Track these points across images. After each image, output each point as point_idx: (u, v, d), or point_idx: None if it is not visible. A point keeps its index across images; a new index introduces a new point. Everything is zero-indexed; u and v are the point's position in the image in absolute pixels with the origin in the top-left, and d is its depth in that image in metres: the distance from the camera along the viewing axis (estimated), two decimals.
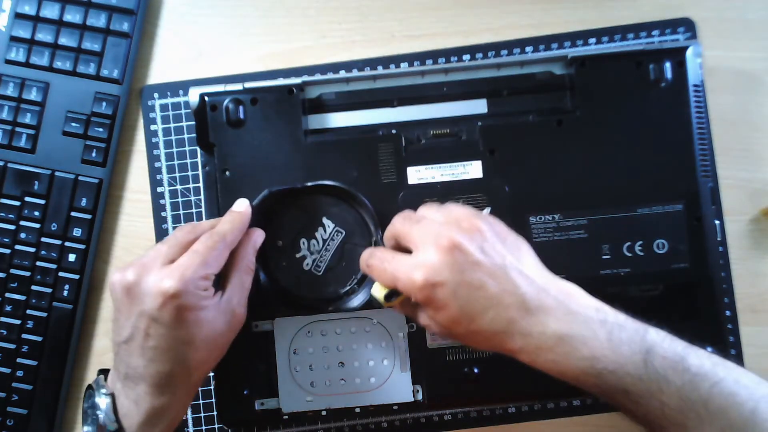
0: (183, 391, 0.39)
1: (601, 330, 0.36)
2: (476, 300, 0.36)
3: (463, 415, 0.51)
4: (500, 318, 0.36)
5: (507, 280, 0.36)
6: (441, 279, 0.36)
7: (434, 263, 0.36)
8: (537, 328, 0.36)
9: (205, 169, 0.49)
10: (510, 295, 0.36)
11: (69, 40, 0.51)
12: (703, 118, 0.48)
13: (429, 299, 0.37)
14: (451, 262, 0.36)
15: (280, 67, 0.53)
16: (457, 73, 0.49)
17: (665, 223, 0.47)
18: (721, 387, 0.35)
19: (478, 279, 0.36)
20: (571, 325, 0.36)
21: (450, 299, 0.36)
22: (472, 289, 0.36)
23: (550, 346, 0.36)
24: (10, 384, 0.50)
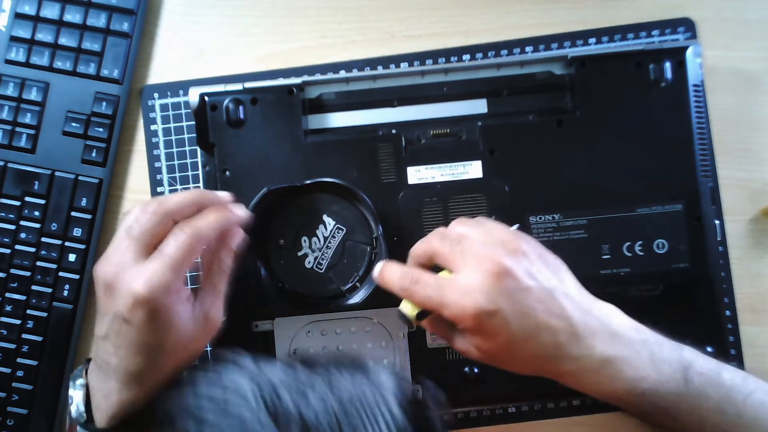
0: (152, 388, 0.39)
1: (643, 350, 0.37)
2: (527, 327, 0.36)
3: (463, 415, 0.51)
4: (549, 343, 0.36)
5: (554, 304, 0.36)
6: (493, 307, 0.35)
7: (485, 290, 0.35)
8: (584, 352, 0.36)
9: (205, 169, 0.49)
10: (558, 320, 0.36)
11: (69, 40, 0.51)
12: (703, 118, 0.48)
13: (479, 327, 0.36)
14: (501, 289, 0.35)
15: (280, 67, 0.53)
16: (457, 73, 0.49)
17: (665, 223, 0.47)
18: (753, 398, 0.37)
19: (529, 306, 0.36)
20: (615, 347, 0.37)
21: (502, 328, 0.36)
22: (523, 317, 0.36)
23: (596, 368, 0.36)
24: (10, 384, 0.50)
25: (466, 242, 0.38)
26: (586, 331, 0.36)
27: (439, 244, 0.39)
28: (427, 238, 0.41)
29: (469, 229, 0.39)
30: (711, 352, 0.47)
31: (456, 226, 0.40)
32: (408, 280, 0.39)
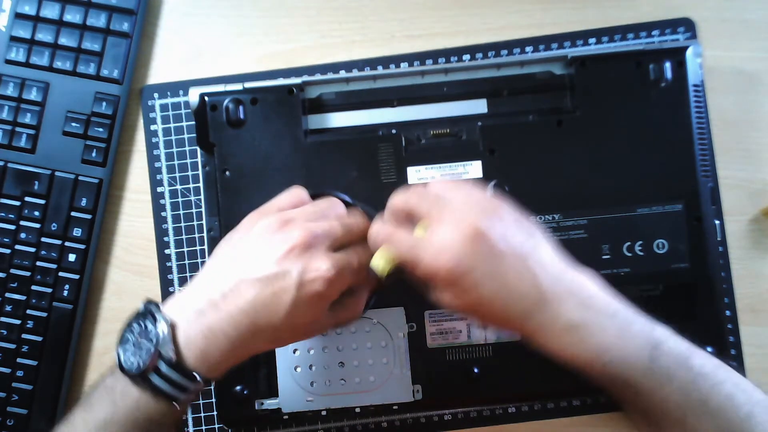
0: (251, 350, 0.39)
1: (611, 322, 0.37)
2: (497, 289, 0.36)
3: (463, 415, 0.51)
4: (517, 306, 0.37)
5: (526, 270, 0.37)
6: (465, 269, 0.36)
7: (459, 251, 0.36)
8: (550, 316, 0.36)
9: (205, 169, 0.49)
10: (528, 285, 0.36)
11: (69, 40, 0.51)
12: (703, 118, 0.48)
13: (450, 285, 0.37)
14: (475, 251, 0.36)
15: (280, 67, 0.53)
16: (457, 73, 0.49)
17: (665, 223, 0.47)
18: (720, 388, 0.36)
19: (500, 269, 0.36)
20: (582, 314, 0.37)
21: (472, 288, 0.36)
22: (493, 280, 0.36)
23: (561, 333, 0.37)
24: (10, 384, 0.50)
25: (444, 202, 0.38)
26: (555, 298, 0.36)
27: (417, 202, 0.39)
28: (407, 193, 0.41)
29: (448, 189, 0.39)
30: (711, 352, 0.47)
31: (435, 185, 0.40)
32: (383, 235, 0.40)
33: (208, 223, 0.49)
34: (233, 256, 0.39)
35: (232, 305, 0.37)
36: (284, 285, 0.37)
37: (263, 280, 0.37)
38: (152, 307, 0.38)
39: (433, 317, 0.48)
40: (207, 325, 0.37)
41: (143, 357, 0.36)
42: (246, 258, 0.38)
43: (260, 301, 0.37)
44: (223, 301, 0.37)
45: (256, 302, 0.37)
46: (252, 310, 0.37)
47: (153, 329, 0.37)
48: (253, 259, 0.38)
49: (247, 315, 0.37)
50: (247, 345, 0.38)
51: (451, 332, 0.47)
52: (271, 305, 0.37)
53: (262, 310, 0.37)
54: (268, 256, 0.38)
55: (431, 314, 0.48)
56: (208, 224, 0.49)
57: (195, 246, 0.52)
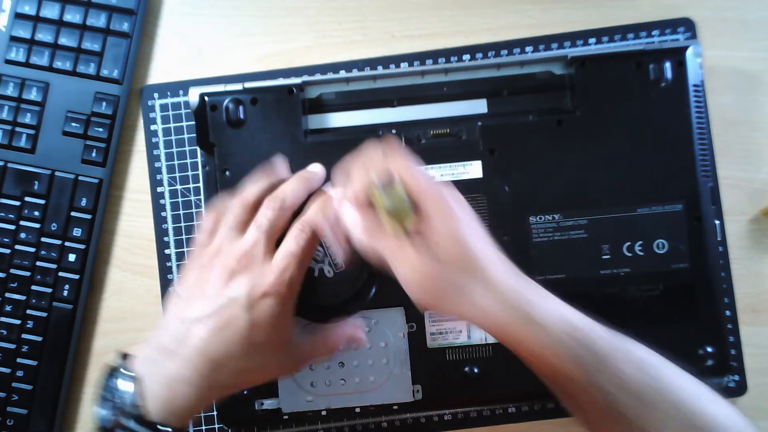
0: (217, 392, 0.39)
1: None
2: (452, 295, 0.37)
3: (463, 415, 0.51)
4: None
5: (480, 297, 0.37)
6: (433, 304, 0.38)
7: (428, 289, 0.37)
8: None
9: (205, 169, 0.49)
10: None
11: (69, 40, 0.51)
12: (703, 118, 0.48)
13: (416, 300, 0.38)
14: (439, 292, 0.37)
15: (280, 67, 0.53)
16: (457, 73, 0.49)
17: (665, 223, 0.47)
18: (668, 368, 0.38)
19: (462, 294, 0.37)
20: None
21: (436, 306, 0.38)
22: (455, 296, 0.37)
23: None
24: (10, 384, 0.50)
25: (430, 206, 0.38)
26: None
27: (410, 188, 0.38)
28: (363, 176, 0.39)
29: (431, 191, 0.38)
30: (711, 353, 0.47)
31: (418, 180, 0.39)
32: (368, 235, 0.38)
33: None
34: (180, 302, 0.39)
35: (188, 348, 0.37)
36: (233, 312, 0.37)
37: (211, 314, 0.37)
38: (120, 362, 0.39)
39: (433, 317, 0.48)
40: (166, 374, 0.37)
41: (111, 414, 0.37)
42: (190, 300, 0.39)
43: (213, 335, 0.37)
44: (178, 347, 0.37)
45: (209, 338, 0.37)
46: (206, 346, 0.37)
47: (118, 386, 0.37)
48: (196, 299, 0.38)
49: (203, 354, 0.37)
50: (213, 386, 0.38)
51: (451, 332, 0.47)
52: (225, 335, 0.37)
53: (217, 343, 0.37)
54: (209, 293, 0.38)
55: (431, 314, 0.48)
56: None
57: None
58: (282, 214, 0.40)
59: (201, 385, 0.37)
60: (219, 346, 0.37)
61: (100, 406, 0.38)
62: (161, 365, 0.38)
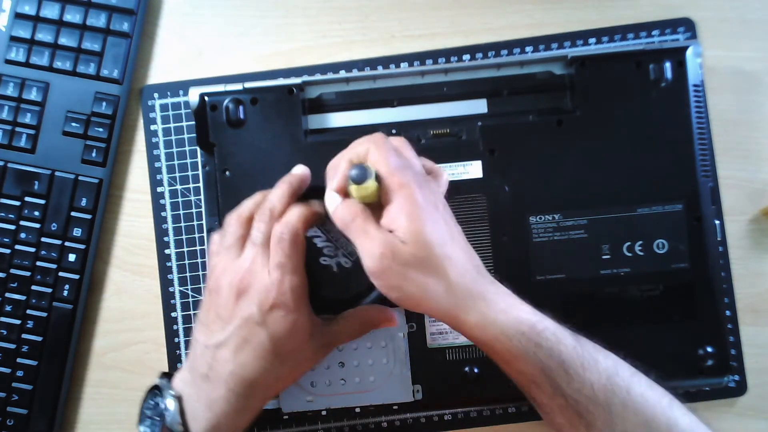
0: (260, 402, 0.40)
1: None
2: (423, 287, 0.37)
3: (463, 415, 0.51)
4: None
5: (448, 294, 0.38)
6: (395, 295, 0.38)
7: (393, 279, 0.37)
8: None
9: (205, 169, 0.49)
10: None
11: (69, 40, 0.51)
12: (703, 118, 0.48)
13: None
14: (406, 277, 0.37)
15: (280, 67, 0.53)
16: (457, 73, 0.49)
17: (665, 223, 0.47)
18: (639, 378, 0.38)
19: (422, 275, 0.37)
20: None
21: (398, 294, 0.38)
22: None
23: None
24: (10, 384, 0.50)
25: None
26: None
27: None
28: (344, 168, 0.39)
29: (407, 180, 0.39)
30: (711, 353, 0.47)
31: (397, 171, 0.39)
32: (341, 223, 0.39)
33: (208, 223, 0.49)
34: (201, 328, 0.40)
35: (218, 372, 0.38)
36: (249, 330, 0.38)
37: (230, 337, 0.38)
38: (163, 381, 0.40)
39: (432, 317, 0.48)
40: (206, 395, 0.38)
41: (153, 429, 0.38)
42: (208, 326, 0.39)
43: (238, 356, 0.38)
44: (210, 372, 0.38)
45: (235, 359, 0.38)
46: (235, 368, 0.38)
47: (162, 404, 0.38)
48: (213, 323, 0.39)
49: (234, 375, 0.38)
50: (250, 401, 0.39)
51: (451, 332, 0.47)
52: (249, 354, 0.38)
53: (244, 363, 0.38)
54: (223, 315, 0.39)
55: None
56: (208, 224, 0.49)
57: (195, 246, 0.52)
58: (273, 224, 0.40)
59: (239, 403, 0.38)
60: (247, 365, 0.38)
61: (142, 423, 0.39)
62: (200, 387, 0.39)
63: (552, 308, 0.39)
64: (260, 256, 0.39)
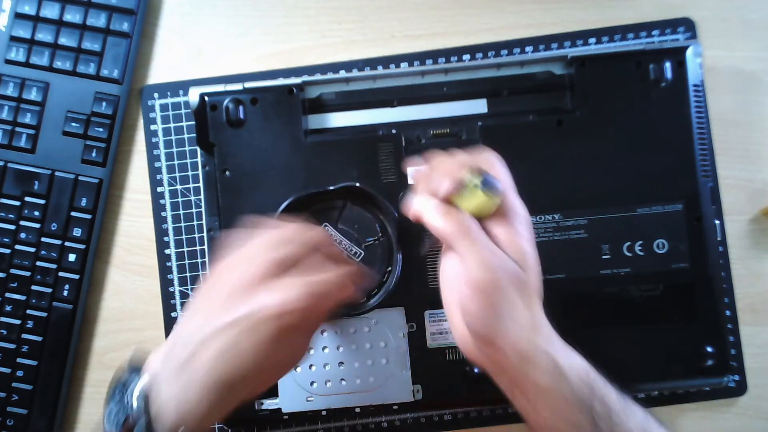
0: (231, 405, 0.37)
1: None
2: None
3: (463, 415, 0.51)
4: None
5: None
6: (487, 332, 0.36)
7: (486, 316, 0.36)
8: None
9: (205, 169, 0.49)
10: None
11: (69, 40, 0.51)
12: (703, 118, 0.48)
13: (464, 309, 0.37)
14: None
15: (280, 67, 0.53)
16: (457, 73, 0.49)
17: (665, 223, 0.47)
18: (652, 421, 0.37)
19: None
20: None
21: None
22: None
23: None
24: (10, 384, 0.50)
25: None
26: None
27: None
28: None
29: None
30: (711, 353, 0.47)
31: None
32: (466, 227, 0.37)
33: (208, 223, 0.49)
34: (198, 306, 0.37)
35: (204, 360, 0.35)
36: (250, 326, 0.35)
37: (227, 327, 0.35)
38: (134, 364, 0.37)
39: (433, 317, 0.48)
40: (184, 384, 0.35)
41: (119, 420, 0.35)
42: (209, 307, 0.36)
43: (228, 350, 0.35)
44: (193, 359, 0.35)
45: (224, 352, 0.35)
46: (222, 360, 0.35)
47: (131, 389, 0.35)
48: (216, 307, 0.36)
49: (217, 368, 0.35)
50: (230, 396, 0.36)
51: (451, 332, 0.47)
52: (240, 352, 0.35)
53: (233, 359, 0.35)
54: (229, 302, 0.36)
55: (431, 314, 0.48)
56: (208, 224, 0.49)
57: (195, 246, 0.52)
58: (305, 252, 0.38)
59: (219, 396, 0.36)
60: (235, 362, 0.36)
61: (110, 409, 0.36)
62: (178, 373, 0.36)
63: (552, 308, 0.39)
64: (292, 260, 0.37)
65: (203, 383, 0.35)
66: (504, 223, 0.37)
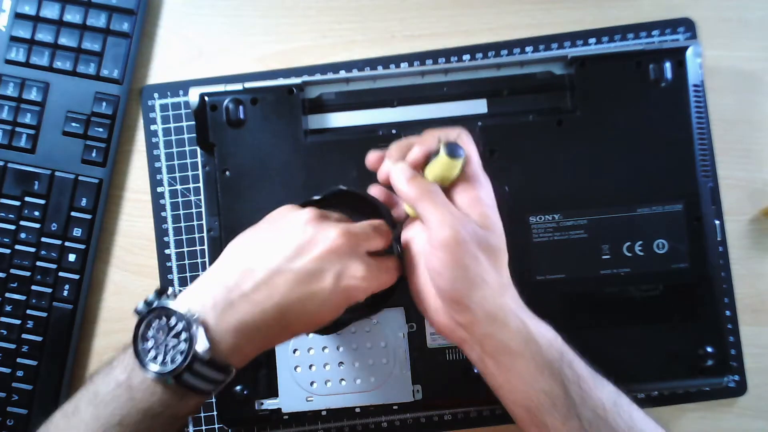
0: (276, 341, 0.38)
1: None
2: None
3: (463, 415, 0.51)
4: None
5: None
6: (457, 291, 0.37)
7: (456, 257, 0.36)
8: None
9: (205, 169, 0.49)
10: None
11: (69, 40, 0.51)
12: (703, 118, 0.48)
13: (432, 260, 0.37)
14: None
15: (280, 67, 0.53)
16: (457, 73, 0.49)
17: (665, 223, 0.47)
18: (638, 411, 0.37)
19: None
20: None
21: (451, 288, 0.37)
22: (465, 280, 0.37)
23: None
24: (10, 384, 0.50)
25: None
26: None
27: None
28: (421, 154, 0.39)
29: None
30: (711, 353, 0.47)
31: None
32: (428, 190, 0.38)
33: (208, 223, 0.49)
34: (264, 243, 0.38)
35: (265, 297, 0.36)
36: (320, 285, 0.36)
37: (299, 275, 0.36)
38: (171, 301, 0.36)
39: None
40: (239, 318, 0.35)
41: (176, 357, 0.34)
42: (280, 247, 0.37)
43: (294, 297, 0.36)
44: (255, 293, 0.36)
45: (290, 298, 0.36)
46: (285, 305, 0.36)
47: (182, 328, 0.35)
48: (288, 249, 0.36)
49: (279, 309, 0.36)
50: (274, 337, 0.37)
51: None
52: (304, 303, 0.36)
53: (295, 307, 0.36)
54: (305, 251, 0.36)
55: None
56: (208, 224, 0.49)
57: (195, 246, 0.52)
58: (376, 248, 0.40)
59: (267, 335, 0.37)
60: (296, 310, 0.37)
61: (149, 347, 0.35)
62: (233, 307, 0.36)
63: (552, 308, 0.39)
64: (366, 240, 0.38)
65: (266, 316, 0.36)
66: (467, 189, 0.38)
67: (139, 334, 0.36)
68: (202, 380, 0.35)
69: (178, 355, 0.35)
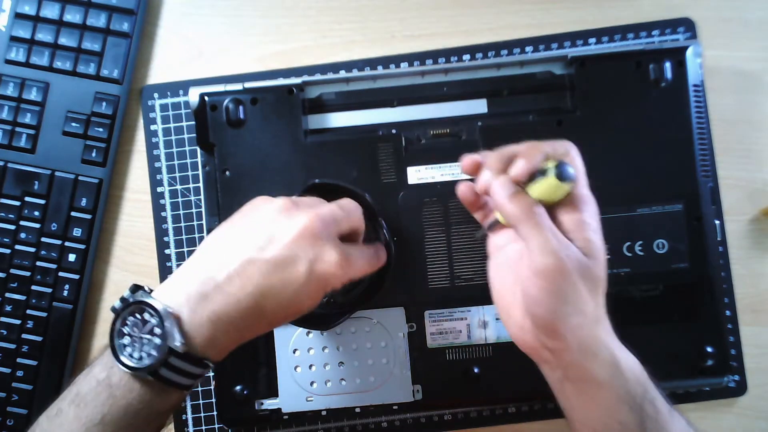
0: (252, 333, 0.37)
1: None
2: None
3: (463, 415, 0.51)
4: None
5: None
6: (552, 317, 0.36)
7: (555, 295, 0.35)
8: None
9: (205, 169, 0.49)
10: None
11: (69, 40, 0.51)
12: (703, 118, 0.48)
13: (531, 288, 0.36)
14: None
15: (280, 67, 0.53)
16: (457, 73, 0.49)
17: (665, 223, 0.47)
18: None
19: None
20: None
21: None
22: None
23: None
24: (10, 384, 0.50)
25: None
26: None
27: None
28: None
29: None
30: (711, 353, 0.47)
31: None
32: (530, 210, 0.36)
33: (208, 223, 0.49)
34: (236, 235, 0.37)
35: (238, 288, 0.35)
36: (294, 272, 0.36)
37: (272, 263, 0.36)
38: (145, 297, 0.36)
39: (433, 317, 0.48)
40: (212, 310, 0.35)
41: (151, 352, 0.34)
42: (252, 238, 0.37)
43: (268, 285, 0.36)
44: (228, 284, 0.35)
45: (263, 286, 0.36)
46: (259, 294, 0.36)
47: (156, 322, 0.35)
48: (260, 239, 0.36)
49: (253, 299, 0.36)
50: (251, 328, 0.37)
51: (451, 332, 0.47)
52: (279, 292, 0.36)
53: (270, 296, 0.36)
54: (277, 238, 0.36)
55: (431, 314, 0.48)
56: (208, 224, 0.49)
57: (195, 246, 0.52)
58: (350, 233, 0.41)
59: (242, 327, 0.37)
60: (271, 299, 0.37)
61: (125, 344, 0.35)
62: (206, 299, 0.36)
63: None
64: (337, 224, 0.39)
65: (240, 307, 0.36)
66: (572, 212, 0.37)
67: (115, 331, 0.35)
68: (179, 374, 0.35)
69: (153, 350, 0.34)
